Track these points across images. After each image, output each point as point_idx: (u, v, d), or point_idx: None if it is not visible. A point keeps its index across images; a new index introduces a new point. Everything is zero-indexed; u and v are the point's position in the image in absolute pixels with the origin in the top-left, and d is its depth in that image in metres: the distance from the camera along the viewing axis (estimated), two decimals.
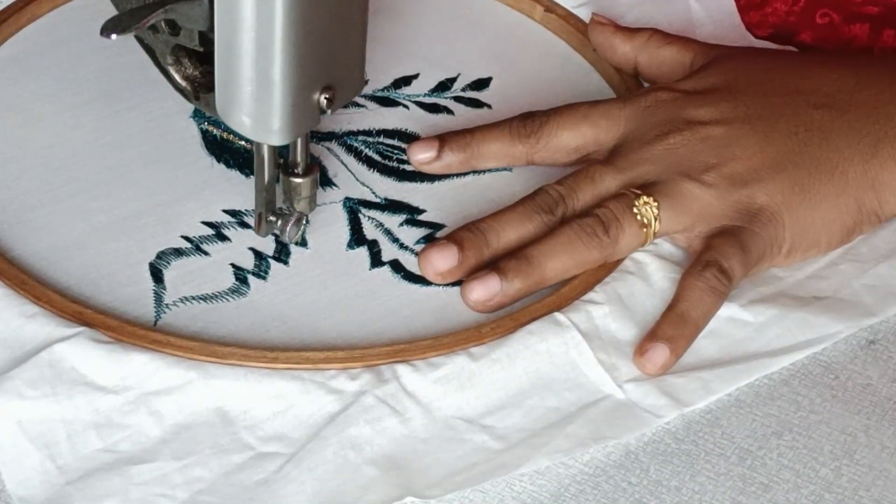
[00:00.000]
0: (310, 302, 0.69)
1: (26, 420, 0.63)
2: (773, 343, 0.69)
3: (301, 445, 0.63)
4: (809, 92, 0.73)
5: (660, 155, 0.71)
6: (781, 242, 0.70)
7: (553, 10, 0.84)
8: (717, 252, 0.69)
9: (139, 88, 0.78)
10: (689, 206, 0.70)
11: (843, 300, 0.71)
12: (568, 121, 0.74)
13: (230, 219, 0.72)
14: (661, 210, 0.69)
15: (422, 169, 0.74)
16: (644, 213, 0.69)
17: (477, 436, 0.64)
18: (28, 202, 0.72)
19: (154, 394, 0.64)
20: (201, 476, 0.62)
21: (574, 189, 0.71)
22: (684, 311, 0.67)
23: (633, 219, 0.69)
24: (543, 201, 0.70)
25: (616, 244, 0.69)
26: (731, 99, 0.73)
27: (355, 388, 0.65)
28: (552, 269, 0.68)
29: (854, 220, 0.71)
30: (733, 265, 0.68)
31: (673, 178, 0.70)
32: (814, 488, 0.64)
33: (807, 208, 0.70)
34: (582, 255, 0.69)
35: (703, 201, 0.70)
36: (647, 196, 0.69)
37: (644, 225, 0.69)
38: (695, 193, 0.70)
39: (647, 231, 0.69)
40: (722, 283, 0.68)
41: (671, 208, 0.70)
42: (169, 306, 0.68)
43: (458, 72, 0.81)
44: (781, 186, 0.70)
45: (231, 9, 0.63)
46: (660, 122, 0.72)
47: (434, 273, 0.69)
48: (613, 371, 0.67)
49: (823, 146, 0.71)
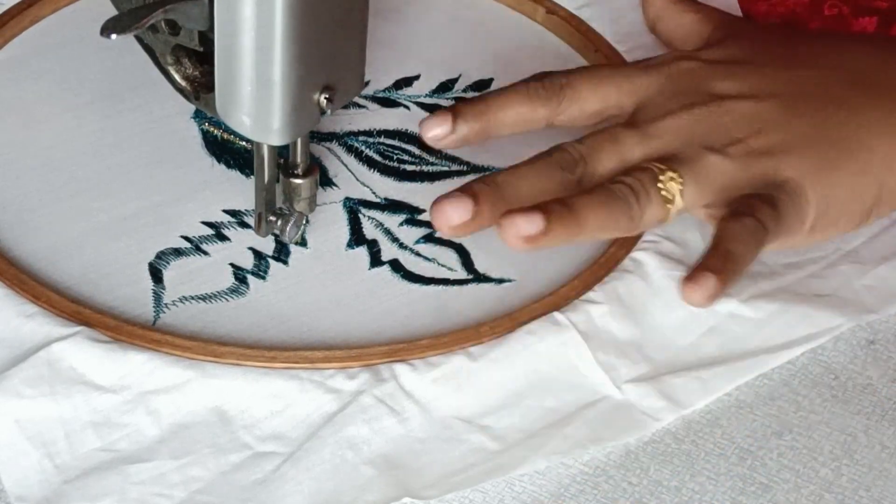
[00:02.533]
0: (309, 301, 0.69)
1: (24, 419, 0.63)
2: (773, 339, 0.68)
3: (299, 445, 0.63)
4: (835, 67, 0.72)
5: (685, 126, 0.69)
6: (804, 217, 0.68)
7: (555, 12, 0.84)
8: (750, 207, 0.67)
9: (140, 90, 0.78)
10: (713, 179, 0.68)
11: (844, 298, 0.70)
12: (590, 82, 0.71)
13: (230, 219, 0.72)
14: (685, 185, 0.67)
15: (436, 146, 0.71)
16: (669, 188, 0.67)
17: (474, 436, 0.64)
18: (28, 202, 0.72)
19: (152, 393, 0.64)
20: (199, 475, 0.62)
21: (596, 149, 0.68)
22: (730, 249, 0.66)
23: (658, 194, 0.67)
24: (563, 159, 0.68)
25: (643, 216, 0.67)
26: (757, 72, 0.71)
27: (353, 387, 0.65)
28: (591, 225, 0.66)
29: (873, 201, 0.70)
30: (767, 220, 0.67)
31: (697, 150, 0.68)
32: (814, 488, 0.64)
33: (830, 186, 0.69)
34: (616, 219, 0.66)
35: (727, 174, 0.68)
36: (671, 171, 0.67)
37: (668, 200, 0.67)
38: (720, 167, 0.68)
39: (670, 207, 0.67)
40: (760, 230, 0.66)
41: (695, 183, 0.68)
42: (168, 306, 0.68)
43: (460, 73, 0.81)
44: (808, 161, 0.69)
45: (231, 9, 0.63)
46: (683, 92, 0.70)
47: (447, 226, 0.65)
48: (612, 371, 0.67)
49: (851, 123, 0.70)
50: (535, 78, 0.72)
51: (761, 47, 0.73)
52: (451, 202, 0.65)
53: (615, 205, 0.66)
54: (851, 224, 0.70)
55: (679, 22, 0.77)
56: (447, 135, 0.70)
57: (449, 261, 0.71)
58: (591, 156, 0.68)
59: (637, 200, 0.66)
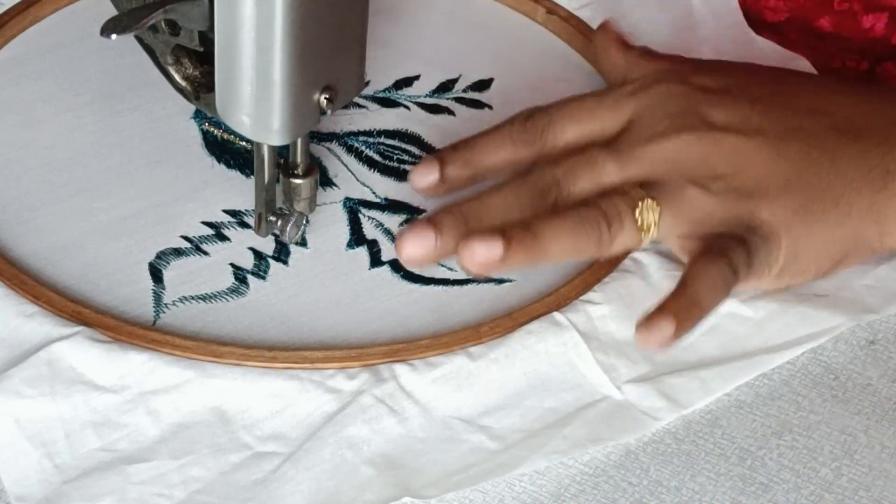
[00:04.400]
0: (309, 302, 0.69)
1: (24, 419, 0.63)
2: (773, 339, 0.68)
3: (298, 445, 0.63)
4: (824, 113, 0.71)
5: (671, 152, 0.69)
6: (773, 262, 0.68)
7: (555, 12, 0.84)
8: (725, 246, 0.66)
9: (141, 90, 0.78)
10: (690, 212, 0.68)
11: (844, 297, 0.70)
12: (573, 119, 0.71)
13: (230, 219, 0.72)
14: (661, 215, 0.67)
15: (427, 194, 0.71)
16: (645, 217, 0.67)
17: (474, 436, 0.64)
18: (29, 202, 0.72)
19: (152, 393, 0.64)
20: (198, 475, 0.62)
21: (572, 174, 0.68)
22: (694, 294, 0.65)
23: (633, 221, 0.67)
24: (537, 183, 0.67)
25: (612, 242, 0.67)
26: (747, 106, 0.70)
27: (353, 387, 0.65)
28: (553, 251, 0.65)
29: (844, 254, 0.69)
30: (739, 265, 0.66)
31: (679, 181, 0.68)
32: (814, 488, 0.64)
33: (805, 233, 0.68)
34: (582, 245, 0.66)
35: (706, 210, 0.68)
36: (650, 199, 0.67)
37: (642, 229, 0.67)
38: (699, 201, 0.68)
39: (643, 236, 0.67)
40: (731, 276, 0.66)
41: (672, 214, 0.68)
42: (168, 306, 0.68)
43: (460, 73, 0.81)
44: (785, 206, 0.68)
45: (231, 9, 0.63)
46: (672, 115, 0.70)
47: (407, 259, 0.66)
48: (612, 372, 0.67)
49: (833, 172, 0.69)
50: (519, 117, 0.71)
51: (752, 80, 0.73)
52: (414, 234, 0.65)
53: (582, 230, 0.66)
54: (820, 273, 0.69)
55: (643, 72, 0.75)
56: (437, 184, 0.71)
57: (449, 261, 0.71)
58: (566, 180, 0.68)
59: (609, 226, 0.66)
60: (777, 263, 0.68)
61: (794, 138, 0.70)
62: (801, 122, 0.70)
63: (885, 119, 0.71)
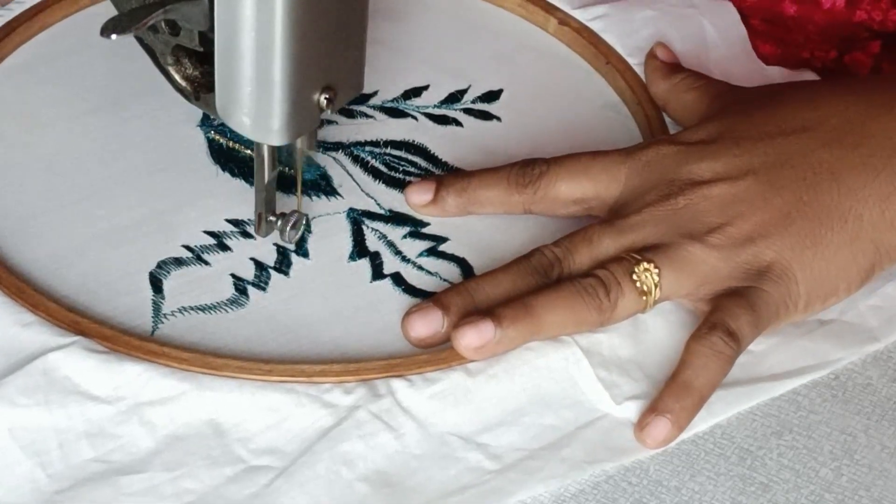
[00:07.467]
0: (309, 314, 0.68)
1: (18, 427, 0.62)
2: (775, 368, 0.68)
3: (293, 459, 0.62)
4: (816, 127, 0.70)
5: (662, 216, 0.68)
6: (797, 298, 0.67)
7: (567, 23, 0.83)
8: (723, 313, 0.66)
9: (148, 97, 0.77)
10: (693, 269, 0.67)
11: (848, 323, 0.69)
12: (567, 172, 0.71)
13: (232, 228, 0.72)
14: (662, 276, 0.66)
15: (419, 211, 0.72)
16: (644, 280, 0.66)
17: (471, 454, 0.63)
18: (31, 209, 0.72)
19: (147, 404, 0.63)
20: (192, 488, 0.62)
21: (571, 251, 0.68)
22: (687, 379, 0.65)
23: (633, 285, 0.66)
24: (539, 262, 0.67)
25: (615, 309, 0.66)
26: (734, 148, 0.69)
27: (349, 402, 0.64)
28: (550, 323, 0.65)
29: (872, 262, 0.68)
30: (741, 326, 0.65)
31: (676, 240, 0.67)
32: (814, 488, 0.63)
33: (820, 260, 0.67)
34: (581, 314, 0.66)
35: (708, 264, 0.67)
36: (647, 262, 0.66)
37: (643, 292, 0.66)
38: (700, 256, 0.67)
39: (646, 299, 0.66)
40: (729, 346, 0.65)
41: (674, 273, 0.67)
42: (167, 316, 0.68)
43: (469, 83, 0.80)
44: (790, 241, 0.67)
45: (231, 9, 0.63)
46: (660, 182, 0.69)
47: (416, 339, 0.66)
48: (613, 389, 0.66)
49: (834, 189, 0.68)
50: (520, 163, 0.72)
51: (741, 117, 0.72)
52: (421, 315, 0.66)
53: (579, 299, 0.66)
54: (853, 288, 0.69)
55: (682, 102, 0.77)
56: (429, 203, 0.72)
57: (451, 275, 0.71)
58: (566, 257, 0.68)
59: (608, 294, 0.66)
60: (801, 298, 0.67)
61: (786, 165, 0.69)
62: (793, 144, 0.69)
63: (884, 119, 0.70)
